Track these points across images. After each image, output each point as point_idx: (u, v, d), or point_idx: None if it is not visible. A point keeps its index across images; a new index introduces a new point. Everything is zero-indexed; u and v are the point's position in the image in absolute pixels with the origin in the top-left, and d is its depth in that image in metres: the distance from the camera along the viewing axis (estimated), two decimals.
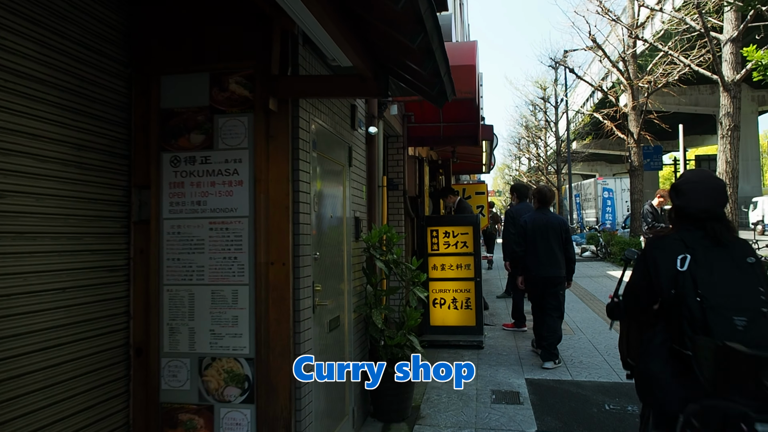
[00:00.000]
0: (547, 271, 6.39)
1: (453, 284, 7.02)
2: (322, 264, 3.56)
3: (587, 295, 10.83)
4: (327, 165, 3.77)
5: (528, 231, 6.52)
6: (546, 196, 6.79)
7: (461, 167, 11.97)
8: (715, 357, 2.21)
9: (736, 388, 2.18)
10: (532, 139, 36.33)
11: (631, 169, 15.87)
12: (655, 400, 2.53)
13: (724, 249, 2.44)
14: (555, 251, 6.44)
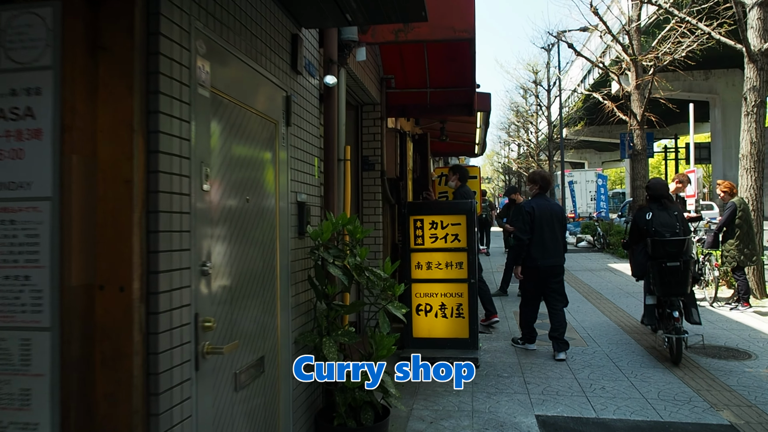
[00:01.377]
0: (553, 260, 5.96)
1: (441, 287, 5.60)
2: (226, 277, 2.12)
3: (592, 293, 9.47)
4: (239, 117, 2.30)
5: (535, 219, 5.89)
6: (548, 181, 6.24)
7: (448, 148, 10.54)
8: (654, 245, 5.53)
9: (663, 255, 5.48)
10: (522, 125, 34.94)
11: (633, 153, 14.50)
12: (642, 271, 5.98)
13: (665, 209, 5.74)
14: (559, 239, 6.05)
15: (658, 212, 5.67)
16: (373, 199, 6.05)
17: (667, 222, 5.61)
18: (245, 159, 2.36)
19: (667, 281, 5.48)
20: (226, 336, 2.11)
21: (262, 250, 2.51)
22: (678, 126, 47.45)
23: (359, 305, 3.21)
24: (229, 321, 2.14)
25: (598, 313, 7.82)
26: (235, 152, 2.26)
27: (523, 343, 6.18)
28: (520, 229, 5.91)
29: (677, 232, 5.57)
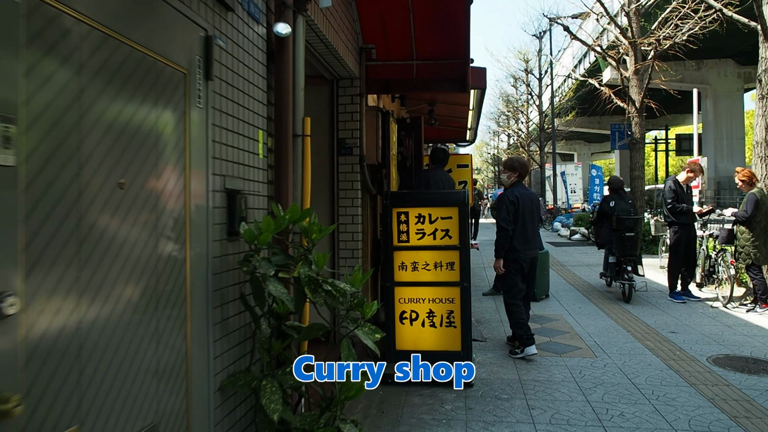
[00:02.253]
0: (534, 251, 5.63)
1: (429, 291, 4.75)
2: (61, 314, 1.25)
3: (593, 292, 8.68)
4: (103, 51, 1.43)
5: (519, 208, 5.48)
6: (527, 168, 5.88)
7: (438, 134, 9.67)
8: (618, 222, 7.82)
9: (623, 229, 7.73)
10: (512, 114, 34.14)
11: (632, 142, 13.71)
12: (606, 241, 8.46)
13: (622, 198, 8.40)
14: (537, 230, 5.82)
15: (618, 201, 8.41)
16: (351, 189, 5.19)
17: (624, 207, 8.35)
18: (116, 119, 1.49)
19: (625, 246, 7.84)
20: (54, 420, 1.25)
21: (154, 261, 1.65)
22: (668, 117, 46.97)
23: (317, 330, 2.36)
24: (63, 392, 1.28)
25: (601, 315, 7.02)
26: (94, 107, 1.39)
27: (522, 349, 5.39)
28: (504, 219, 5.40)
29: (632, 214, 8.31)
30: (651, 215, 14.20)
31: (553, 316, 7.00)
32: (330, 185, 5.22)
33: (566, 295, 8.32)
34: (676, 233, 7.67)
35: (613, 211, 8.15)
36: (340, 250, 5.20)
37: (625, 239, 7.75)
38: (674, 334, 6.04)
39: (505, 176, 5.67)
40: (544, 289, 8.05)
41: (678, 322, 6.56)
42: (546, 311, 7.28)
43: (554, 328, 6.39)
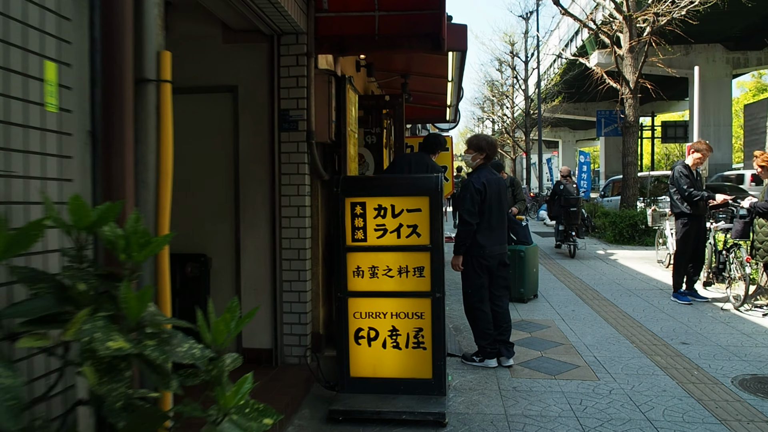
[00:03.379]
0: (502, 247, 4.73)
1: (392, 303, 3.72)
2: None
3: (586, 291, 7.72)
4: None
5: (486, 197, 4.55)
6: (495, 148, 4.86)
7: (416, 113, 8.61)
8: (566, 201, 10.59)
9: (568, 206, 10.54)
10: (498, 100, 33.11)
11: (625, 126, 12.78)
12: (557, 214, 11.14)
13: (568, 183, 10.98)
14: (505, 221, 4.86)
15: (566, 185, 10.73)
16: (296, 173, 4.12)
17: (570, 190, 10.79)
18: None
19: (570, 218, 10.64)
20: None
21: None
22: (654, 104, 46.26)
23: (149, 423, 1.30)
24: None
25: (599, 320, 6.06)
26: None
27: (481, 359, 4.53)
28: (468, 211, 4.48)
29: (574, 195, 10.76)
30: (645, 204, 13.29)
31: (544, 321, 6.02)
32: (270, 169, 4.15)
33: (557, 295, 7.35)
34: (685, 225, 6.71)
35: (562, 193, 10.73)
36: (282, 250, 4.15)
37: (570, 213, 10.57)
38: (686, 346, 5.09)
39: (469, 157, 4.66)
40: (533, 289, 7.07)
41: (688, 329, 5.61)
42: (535, 315, 6.30)
43: (546, 337, 5.41)
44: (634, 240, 12.15)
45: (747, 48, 35.55)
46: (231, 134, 4.19)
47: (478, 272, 4.53)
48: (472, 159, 4.66)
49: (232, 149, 4.20)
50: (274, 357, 4.14)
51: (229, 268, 4.21)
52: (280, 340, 4.13)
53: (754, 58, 35.71)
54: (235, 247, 4.20)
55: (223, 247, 4.23)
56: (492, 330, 4.58)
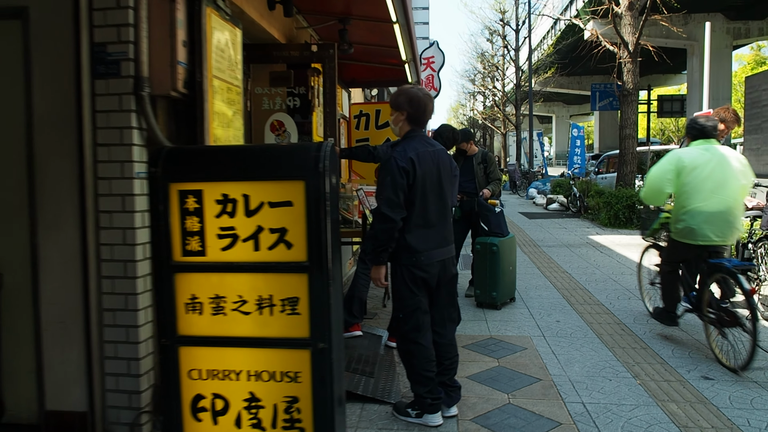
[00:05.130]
0: (447, 250, 3.20)
1: (250, 357, 2.23)
2: None
3: (576, 291, 6.27)
4: None
5: (416, 180, 3.03)
6: (423, 107, 3.13)
7: (371, 74, 7.04)
8: None
9: None
10: (488, 72, 31.35)
11: (623, 94, 11.22)
12: None
13: None
14: (448, 213, 3.26)
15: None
16: (120, 143, 2.62)
17: None
18: None
19: None
20: None
21: None
22: (651, 77, 44.55)
23: None
24: None
25: (591, 337, 4.62)
26: None
27: (419, 413, 3.09)
28: (388, 201, 2.96)
29: None
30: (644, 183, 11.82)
31: (519, 340, 4.57)
32: (78, 138, 2.63)
33: (539, 297, 5.90)
34: None
35: None
36: (102, 263, 2.65)
37: None
38: (710, 383, 3.66)
39: (391, 120, 3.18)
40: (508, 291, 5.61)
41: (709, 353, 4.17)
42: (509, 329, 4.85)
43: (519, 367, 3.96)
44: (631, 223, 10.69)
45: (748, 17, 33.79)
46: (19, 85, 2.67)
47: (411, 289, 3.07)
48: (393, 122, 3.15)
49: (21, 109, 2.67)
50: (91, 424, 2.68)
51: (25, 290, 2.72)
52: (100, 398, 2.67)
53: (755, 28, 33.96)
54: (32, 259, 2.70)
55: (13, 259, 2.73)
56: (434, 370, 3.14)
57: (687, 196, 4.08)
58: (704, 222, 4.02)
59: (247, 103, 4.51)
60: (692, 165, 4.07)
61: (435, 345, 3.23)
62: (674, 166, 4.13)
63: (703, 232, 4.03)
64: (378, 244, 3.02)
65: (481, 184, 5.86)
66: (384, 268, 3.10)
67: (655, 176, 4.25)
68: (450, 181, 3.27)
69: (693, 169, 4.06)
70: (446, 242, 3.18)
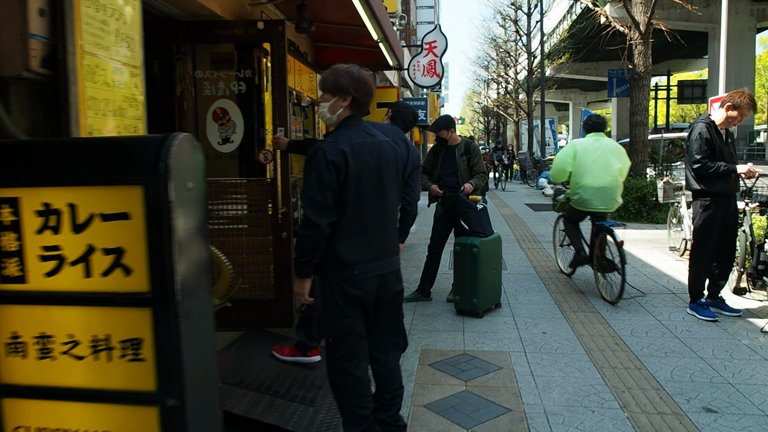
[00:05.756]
0: (388, 262, 2.62)
1: (86, 414, 1.71)
2: None
3: (571, 294, 5.67)
4: None
5: (348, 176, 2.44)
6: (366, 88, 2.56)
7: (346, 57, 6.45)
8: None
9: None
10: (501, 59, 30.42)
11: (634, 78, 10.45)
12: None
13: None
14: (391, 217, 2.68)
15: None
16: None
17: None
18: None
19: None
20: None
21: None
22: (671, 62, 43.05)
23: None
24: None
25: (578, 352, 4.03)
26: None
27: None
28: (311, 201, 2.42)
29: None
30: (656, 173, 11.07)
31: (496, 357, 4.00)
32: None
33: (530, 303, 5.31)
34: (705, 209, 4.61)
35: None
36: None
37: None
38: (712, 416, 3.06)
39: (326, 107, 2.60)
40: (492, 297, 5.03)
41: (713, 376, 3.57)
42: (486, 343, 4.28)
43: (488, 393, 3.40)
44: (641, 216, 9.99)
45: None
46: None
47: (342, 308, 2.52)
48: (330, 110, 2.58)
49: None
50: None
51: None
52: None
53: None
54: None
55: None
56: (368, 407, 2.60)
57: (580, 175, 5.33)
58: (593, 195, 5.30)
59: (190, 89, 3.97)
60: (584, 151, 5.34)
61: (375, 375, 2.70)
62: (572, 152, 5.42)
63: (592, 202, 5.33)
64: (301, 253, 2.48)
65: (464, 177, 5.27)
66: (308, 282, 2.56)
67: (559, 160, 5.56)
68: (396, 179, 2.70)
69: (585, 154, 5.32)
70: (387, 253, 2.62)
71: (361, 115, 2.63)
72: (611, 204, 5.39)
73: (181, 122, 3.92)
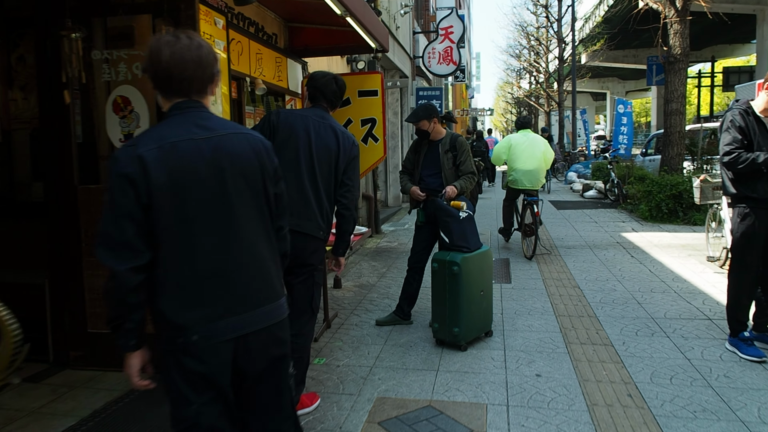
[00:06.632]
0: (245, 319, 1.71)
1: None
2: None
3: (581, 318, 4.66)
4: None
5: (158, 196, 1.58)
6: (156, 54, 1.63)
7: (325, 40, 5.53)
8: None
9: None
10: (532, 48, 28.93)
11: (669, 61, 9.21)
12: None
13: None
14: (257, 245, 1.76)
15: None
16: None
17: None
18: None
19: None
20: None
21: None
22: (716, 48, 40.53)
23: None
24: None
25: (580, 411, 3.06)
26: None
27: None
28: (104, 237, 1.57)
29: None
30: (693, 169, 9.79)
31: (466, 414, 3.06)
32: None
33: (528, 329, 4.35)
34: (744, 218, 3.58)
35: None
36: None
37: None
38: None
39: None
40: (481, 324, 4.09)
41: None
42: (460, 391, 3.34)
43: None
44: (677, 217, 8.80)
45: None
46: None
47: (181, 391, 1.66)
48: (162, 104, 1.72)
49: None
50: None
51: None
52: None
53: None
54: None
55: None
56: None
57: (513, 161, 6.86)
58: (522, 176, 6.78)
59: (82, 75, 3.16)
60: (516, 143, 6.88)
61: None
62: (507, 144, 6.97)
63: (522, 182, 6.80)
64: (109, 316, 1.63)
65: (449, 178, 4.34)
66: (136, 358, 1.71)
67: (497, 149, 7.14)
68: (254, 188, 1.75)
69: (517, 145, 6.87)
70: (248, 303, 1.73)
71: (180, 98, 1.72)
72: (536, 183, 6.90)
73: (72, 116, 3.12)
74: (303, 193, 2.87)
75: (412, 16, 13.69)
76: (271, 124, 2.94)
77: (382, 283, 5.95)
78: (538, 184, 6.93)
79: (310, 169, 2.89)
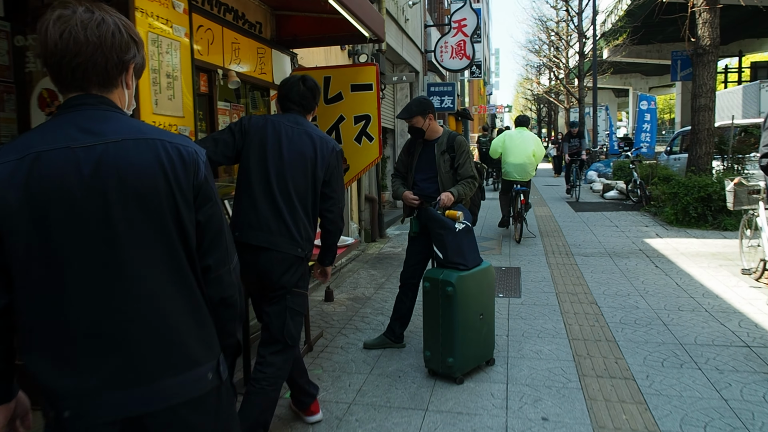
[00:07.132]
0: (126, 396, 1.20)
1: None
2: None
3: (598, 343, 4.07)
4: None
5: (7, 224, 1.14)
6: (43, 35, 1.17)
7: (315, 29, 5.00)
8: None
9: None
10: (552, 43, 28.05)
11: (697, 53, 8.49)
12: None
13: None
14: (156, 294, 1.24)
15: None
16: None
17: None
18: None
19: None
20: None
21: None
22: (743, 42, 39.10)
23: None
24: None
25: None
26: None
27: None
28: None
29: None
30: (723, 169, 9.05)
31: None
32: None
33: (537, 357, 3.78)
34: None
35: None
36: None
37: None
38: None
39: None
40: (479, 353, 3.54)
41: None
42: None
43: None
44: (705, 221, 8.10)
45: None
46: None
47: None
48: None
49: None
50: None
51: None
52: None
53: None
54: None
55: None
56: None
57: (506, 156, 7.79)
58: (513, 169, 7.73)
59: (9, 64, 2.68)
60: (509, 139, 7.82)
61: None
62: (503, 140, 7.90)
63: (512, 174, 7.74)
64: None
65: (446, 183, 3.79)
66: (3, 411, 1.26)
67: (494, 144, 8.05)
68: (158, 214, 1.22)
69: (510, 141, 7.78)
70: (146, 372, 1.23)
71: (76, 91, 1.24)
72: (525, 176, 7.70)
73: None
74: (274, 205, 2.50)
75: (425, 9, 13.11)
76: (243, 127, 2.60)
77: (379, 296, 5.42)
78: (527, 176, 7.73)
79: (281, 179, 2.54)
